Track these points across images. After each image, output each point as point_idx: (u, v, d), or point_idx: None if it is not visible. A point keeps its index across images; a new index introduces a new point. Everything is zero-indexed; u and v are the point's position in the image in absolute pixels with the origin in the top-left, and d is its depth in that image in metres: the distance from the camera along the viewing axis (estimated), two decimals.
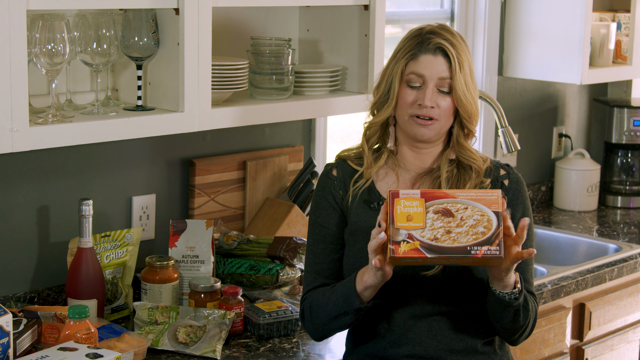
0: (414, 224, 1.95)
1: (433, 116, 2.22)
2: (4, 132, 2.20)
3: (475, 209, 1.96)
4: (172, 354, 2.43)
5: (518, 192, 2.30)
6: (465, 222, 1.96)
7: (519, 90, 4.03)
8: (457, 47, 2.22)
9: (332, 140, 3.59)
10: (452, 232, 1.96)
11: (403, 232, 1.96)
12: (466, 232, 1.96)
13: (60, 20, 2.34)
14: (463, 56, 2.22)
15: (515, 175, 2.32)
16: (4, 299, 2.59)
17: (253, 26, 3.00)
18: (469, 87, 2.23)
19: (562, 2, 3.71)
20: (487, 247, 1.95)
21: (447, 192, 1.98)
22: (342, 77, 3.00)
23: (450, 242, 1.95)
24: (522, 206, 2.30)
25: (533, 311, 2.24)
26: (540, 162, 4.19)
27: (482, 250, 1.95)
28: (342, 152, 2.37)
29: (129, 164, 2.84)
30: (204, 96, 2.55)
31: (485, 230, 1.95)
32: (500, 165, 2.33)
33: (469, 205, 1.97)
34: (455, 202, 1.97)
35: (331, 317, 2.22)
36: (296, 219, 3.05)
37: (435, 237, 1.95)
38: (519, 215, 2.27)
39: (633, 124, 4.13)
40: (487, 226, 1.96)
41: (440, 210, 1.96)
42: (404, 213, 1.96)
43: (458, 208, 1.97)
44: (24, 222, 2.64)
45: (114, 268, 2.64)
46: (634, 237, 3.67)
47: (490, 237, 1.95)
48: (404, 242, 1.95)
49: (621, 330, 3.41)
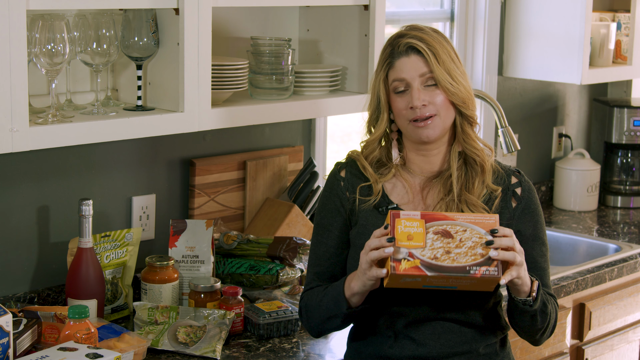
0: (414, 243, 1.99)
1: (430, 113, 2.22)
2: (4, 132, 2.20)
3: (474, 232, 2.00)
4: (172, 354, 2.43)
5: (530, 200, 2.30)
6: (464, 244, 1.99)
7: (519, 90, 4.03)
8: (428, 40, 2.21)
9: (332, 140, 3.59)
10: (451, 252, 1.99)
11: (404, 251, 1.99)
12: (465, 252, 1.99)
13: (60, 20, 2.34)
14: (437, 46, 2.21)
15: (527, 184, 2.31)
16: (4, 299, 2.59)
17: (253, 26, 3.00)
18: (453, 74, 2.21)
19: (562, 2, 3.71)
20: (485, 267, 1.98)
21: (447, 215, 2.02)
22: (342, 77, 3.00)
23: (449, 261, 1.98)
24: (534, 214, 2.30)
25: (553, 313, 2.26)
26: (540, 162, 4.19)
27: (480, 271, 1.98)
28: (353, 152, 2.36)
29: (129, 164, 2.84)
30: (204, 96, 2.55)
31: (484, 252, 1.99)
32: (511, 172, 2.32)
33: (467, 227, 2.00)
34: (455, 225, 2.01)
35: (324, 319, 2.25)
36: (296, 219, 3.05)
37: (435, 256, 1.99)
38: (532, 224, 2.28)
39: (633, 124, 4.13)
40: (485, 248, 1.99)
41: (439, 231, 2.00)
42: (404, 232, 2.00)
43: (457, 230, 2.00)
44: (24, 222, 2.64)
45: (114, 268, 2.64)
46: (634, 237, 3.67)
47: (489, 258, 1.99)
48: (405, 260, 1.98)
49: (621, 330, 3.41)
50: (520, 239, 2.21)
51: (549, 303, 2.23)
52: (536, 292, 2.17)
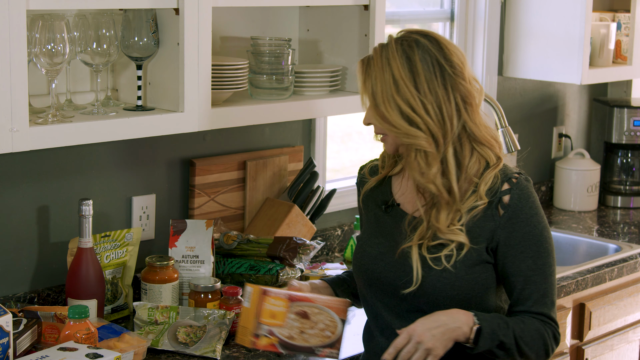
0: (275, 321, 2.19)
1: (377, 131, 2.24)
2: (4, 132, 2.20)
3: (327, 315, 2.20)
4: (172, 354, 2.43)
5: (520, 209, 2.18)
6: (317, 325, 2.20)
7: (519, 90, 4.03)
8: (363, 69, 2.20)
9: (332, 140, 3.60)
10: (304, 333, 2.20)
11: (265, 327, 2.19)
12: (316, 334, 2.20)
13: (60, 20, 2.34)
14: (375, 66, 2.17)
15: (518, 192, 2.18)
16: (4, 299, 2.59)
17: (253, 26, 3.00)
18: (380, 98, 2.16)
19: (562, 2, 3.71)
20: (329, 349, 2.20)
21: (308, 297, 2.21)
22: (342, 77, 3.00)
23: (301, 341, 2.19)
24: (523, 225, 2.18)
25: (526, 345, 2.16)
26: (540, 162, 4.19)
27: (324, 352, 2.21)
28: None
29: (129, 164, 2.84)
30: (204, 96, 2.55)
31: (331, 335, 2.20)
32: (510, 176, 2.21)
33: (323, 310, 2.20)
34: (312, 307, 2.21)
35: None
36: (296, 219, 3.05)
37: (291, 335, 2.20)
38: (520, 234, 2.18)
39: (633, 124, 4.13)
40: (333, 331, 2.19)
41: (299, 312, 2.20)
42: (268, 310, 2.19)
43: (314, 312, 2.20)
44: (24, 222, 2.64)
45: (114, 268, 2.64)
46: (634, 237, 3.67)
47: (334, 341, 2.20)
48: (264, 336, 2.19)
49: (621, 330, 3.41)
50: (506, 249, 2.18)
51: (512, 338, 2.14)
52: (475, 338, 2.11)
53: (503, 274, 2.21)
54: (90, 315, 2.37)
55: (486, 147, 2.21)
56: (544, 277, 2.19)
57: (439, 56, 2.16)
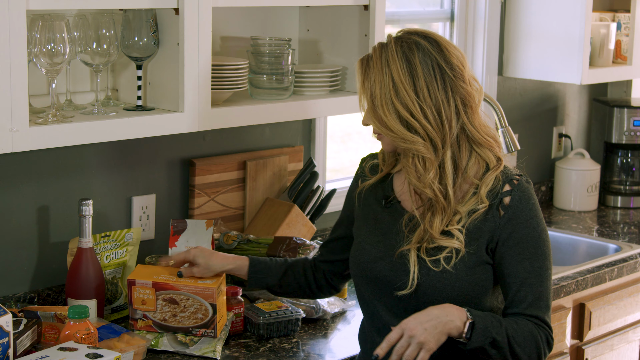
0: (147, 307, 2.42)
1: (375, 132, 2.24)
2: (4, 132, 2.20)
3: (195, 300, 2.39)
4: (172, 354, 2.43)
5: (520, 210, 2.18)
6: (188, 309, 2.40)
7: (519, 90, 4.03)
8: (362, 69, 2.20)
9: (332, 140, 3.60)
10: (177, 316, 2.41)
11: (139, 312, 2.43)
12: (188, 316, 2.41)
13: (60, 20, 2.34)
14: (373, 68, 2.17)
15: (519, 193, 2.18)
16: (4, 299, 2.59)
17: (253, 26, 3.00)
18: (377, 103, 2.16)
19: (562, 2, 3.71)
20: (204, 329, 2.41)
21: (173, 285, 2.40)
22: (342, 77, 3.00)
23: (176, 323, 2.42)
24: (523, 226, 2.17)
25: (519, 347, 2.14)
26: (540, 162, 4.19)
27: (200, 332, 2.42)
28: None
29: (129, 164, 2.84)
30: (204, 96, 2.55)
31: (203, 317, 2.40)
32: (511, 178, 2.21)
33: (190, 297, 2.39)
34: (179, 294, 2.40)
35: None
36: (296, 219, 3.05)
37: (164, 318, 2.42)
38: (519, 236, 2.18)
39: (633, 124, 4.13)
40: (205, 314, 2.40)
41: (167, 298, 2.40)
42: (139, 298, 2.42)
43: (181, 298, 2.40)
44: (24, 222, 2.64)
45: (114, 268, 2.64)
46: (634, 237, 3.67)
47: (207, 322, 2.40)
48: (140, 319, 2.43)
49: (621, 330, 3.41)
50: (504, 250, 2.18)
51: (505, 337, 2.13)
52: (468, 333, 2.09)
53: (500, 274, 2.21)
54: (90, 315, 2.37)
55: (485, 149, 2.21)
56: (540, 279, 2.18)
57: (439, 59, 2.15)
